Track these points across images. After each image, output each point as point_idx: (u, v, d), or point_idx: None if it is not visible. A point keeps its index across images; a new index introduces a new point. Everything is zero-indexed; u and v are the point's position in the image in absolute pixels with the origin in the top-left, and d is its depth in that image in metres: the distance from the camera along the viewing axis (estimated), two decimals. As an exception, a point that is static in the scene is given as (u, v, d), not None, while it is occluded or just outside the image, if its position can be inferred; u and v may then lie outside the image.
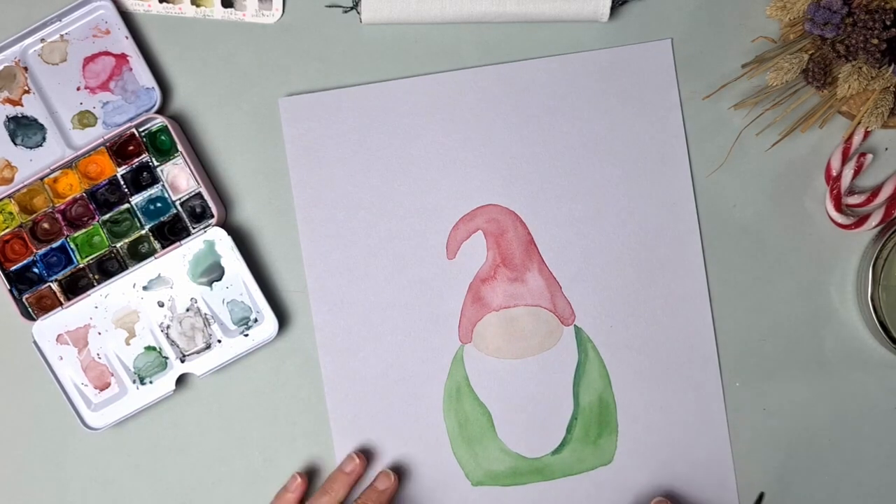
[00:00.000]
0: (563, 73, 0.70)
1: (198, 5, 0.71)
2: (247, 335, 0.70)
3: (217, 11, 0.71)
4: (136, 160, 0.69)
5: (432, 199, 0.71)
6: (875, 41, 0.63)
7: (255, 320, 0.70)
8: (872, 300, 0.67)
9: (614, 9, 0.69)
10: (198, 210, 0.70)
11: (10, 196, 0.69)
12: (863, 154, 0.69)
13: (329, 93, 0.71)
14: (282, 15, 0.71)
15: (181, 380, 0.70)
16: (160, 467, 0.72)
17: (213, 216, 0.69)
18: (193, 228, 0.69)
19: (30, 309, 0.70)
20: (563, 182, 0.71)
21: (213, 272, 0.70)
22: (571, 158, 0.71)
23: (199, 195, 0.69)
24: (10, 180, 0.70)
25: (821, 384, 0.70)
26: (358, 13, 0.70)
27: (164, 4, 0.71)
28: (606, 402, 0.70)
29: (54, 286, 0.70)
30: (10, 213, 0.70)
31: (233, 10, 0.71)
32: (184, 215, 0.69)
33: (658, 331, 0.70)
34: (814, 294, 0.70)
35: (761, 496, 0.66)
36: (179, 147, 0.69)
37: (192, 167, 0.69)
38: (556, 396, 0.71)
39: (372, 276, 0.71)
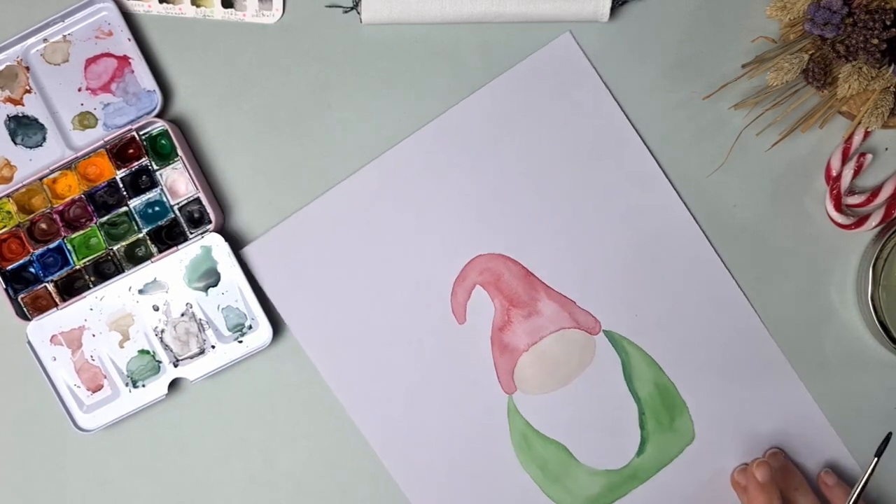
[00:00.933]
0: (489, 104, 0.70)
1: (198, 6, 0.71)
2: (241, 342, 0.69)
3: (217, 12, 0.71)
4: (136, 163, 0.69)
5: (422, 276, 0.71)
6: (875, 41, 0.63)
7: (250, 327, 0.70)
8: (872, 300, 0.67)
9: (614, 9, 0.69)
10: (196, 215, 0.70)
11: (8, 195, 0.69)
12: (863, 154, 0.69)
13: (284, 224, 0.71)
14: (282, 15, 0.71)
15: (174, 384, 0.70)
16: (159, 469, 0.72)
17: (210, 222, 0.69)
18: (191, 233, 0.69)
19: (25, 309, 0.70)
20: (533, 204, 0.71)
21: (209, 278, 0.70)
22: (531, 179, 0.71)
23: (197, 200, 0.69)
24: (10, 179, 0.70)
25: (821, 384, 0.70)
26: (358, 13, 0.70)
27: (165, 5, 0.71)
28: (665, 386, 0.70)
29: (50, 287, 0.70)
30: (8, 213, 0.69)
31: (233, 10, 0.71)
32: (181, 220, 0.69)
33: (680, 299, 0.70)
34: (814, 294, 0.70)
35: (888, 437, 0.66)
36: (179, 151, 0.69)
37: (191, 172, 0.69)
38: (616, 402, 0.71)
39: (398, 371, 0.71)
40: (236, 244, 0.71)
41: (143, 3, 0.71)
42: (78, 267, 0.70)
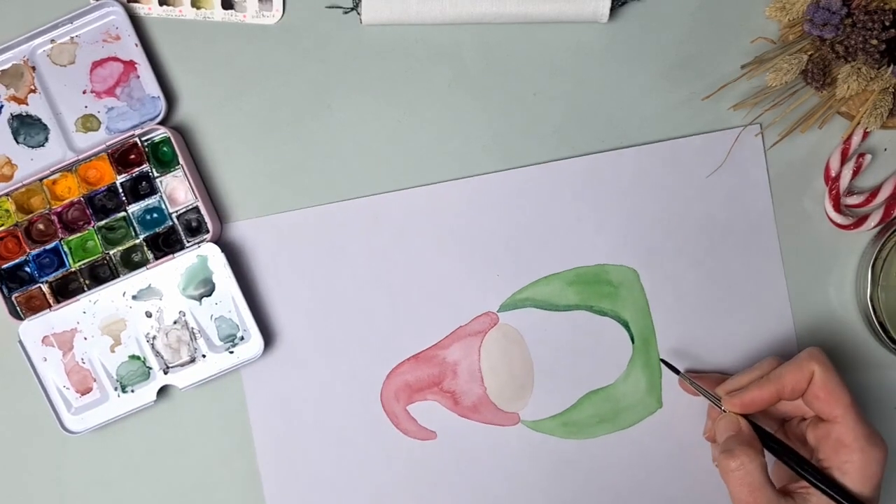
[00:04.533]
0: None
1: (198, 7, 0.71)
2: (232, 352, 0.69)
3: (217, 13, 0.71)
4: (137, 169, 0.69)
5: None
6: (874, 42, 0.64)
7: (242, 338, 0.69)
8: (871, 300, 0.67)
9: (614, 9, 0.69)
10: (193, 224, 0.70)
11: (7, 194, 0.69)
12: (862, 154, 0.69)
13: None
14: (282, 16, 0.71)
15: (163, 391, 0.70)
16: (146, 472, 0.72)
17: (208, 231, 0.69)
18: (188, 242, 0.69)
19: (18, 308, 0.70)
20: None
21: (203, 287, 0.69)
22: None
23: (196, 209, 0.69)
24: (10, 178, 0.70)
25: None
26: (358, 14, 0.70)
27: (165, 7, 0.71)
28: (583, 273, 0.71)
29: (45, 287, 0.70)
30: (7, 211, 0.69)
31: (233, 11, 0.71)
32: (179, 228, 0.69)
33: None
34: (813, 294, 0.70)
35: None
36: (180, 159, 0.69)
37: (191, 180, 0.69)
38: (568, 324, 0.71)
39: None
40: (233, 255, 0.71)
41: (143, 6, 0.71)
42: (73, 269, 0.69)
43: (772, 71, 0.67)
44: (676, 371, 0.68)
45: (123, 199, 0.69)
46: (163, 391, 0.70)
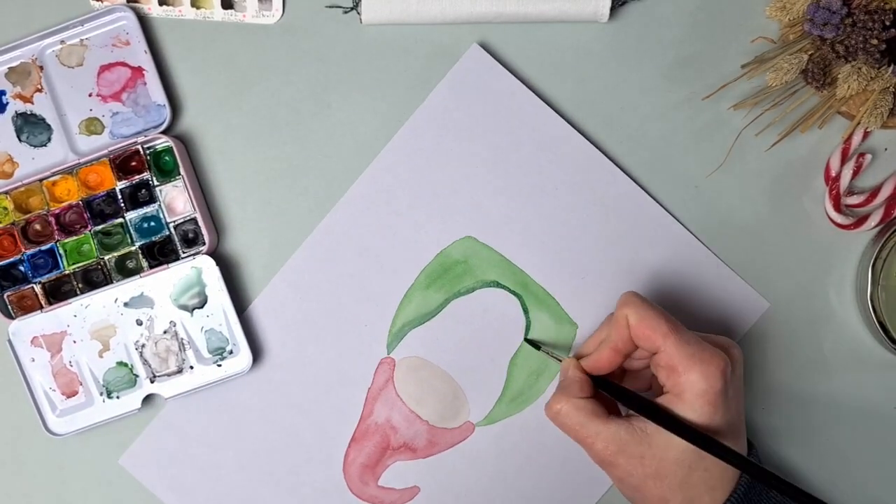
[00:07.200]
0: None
1: (198, 7, 0.71)
2: (220, 365, 0.69)
3: (217, 13, 0.71)
4: (137, 177, 0.69)
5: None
6: (874, 41, 0.64)
7: (231, 352, 0.69)
8: (872, 300, 0.67)
9: (614, 9, 0.69)
10: (190, 235, 0.70)
11: (6, 192, 0.69)
12: (862, 154, 0.69)
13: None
14: (282, 15, 0.71)
15: (148, 399, 0.70)
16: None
17: (204, 244, 0.69)
18: (183, 253, 0.69)
19: (9, 307, 0.70)
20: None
21: (196, 299, 0.70)
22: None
23: (193, 220, 0.69)
24: (10, 175, 0.70)
25: (821, 384, 0.70)
26: (358, 13, 0.70)
27: (164, 7, 0.71)
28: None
29: (37, 288, 0.69)
30: (5, 209, 0.69)
31: (233, 11, 0.71)
32: (176, 238, 0.69)
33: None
34: (813, 294, 0.70)
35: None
36: (181, 170, 0.69)
37: (190, 191, 0.69)
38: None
39: None
40: (227, 268, 0.71)
41: (142, 6, 0.70)
42: (67, 272, 0.69)
43: (772, 70, 0.67)
44: (537, 346, 0.69)
45: (122, 205, 0.69)
46: (147, 399, 0.70)
